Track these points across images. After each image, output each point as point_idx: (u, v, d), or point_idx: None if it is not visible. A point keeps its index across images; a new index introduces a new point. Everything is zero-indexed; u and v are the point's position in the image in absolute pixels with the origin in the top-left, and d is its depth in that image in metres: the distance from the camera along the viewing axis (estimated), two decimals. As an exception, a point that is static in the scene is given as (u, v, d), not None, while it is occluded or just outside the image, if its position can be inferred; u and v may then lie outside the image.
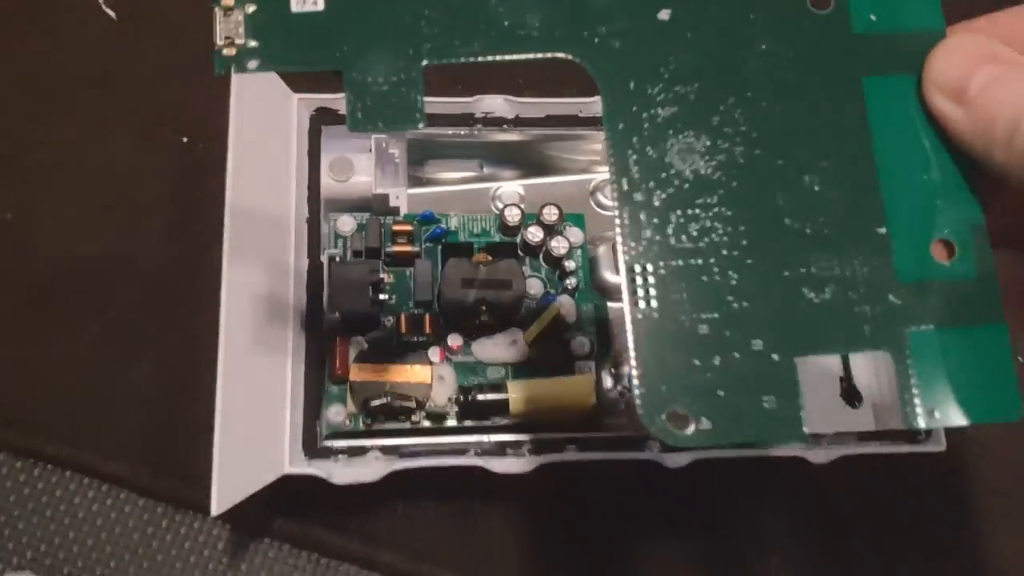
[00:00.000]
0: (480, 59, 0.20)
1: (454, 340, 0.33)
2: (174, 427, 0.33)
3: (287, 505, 0.32)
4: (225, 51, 0.20)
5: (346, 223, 0.34)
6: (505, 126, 0.35)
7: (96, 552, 0.32)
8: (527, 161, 0.37)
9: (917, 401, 0.19)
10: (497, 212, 0.35)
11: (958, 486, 0.35)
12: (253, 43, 0.20)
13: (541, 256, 0.35)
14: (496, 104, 0.35)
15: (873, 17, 0.21)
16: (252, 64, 0.20)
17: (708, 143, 0.20)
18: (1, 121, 0.37)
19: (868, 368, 0.20)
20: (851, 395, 0.35)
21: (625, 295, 0.19)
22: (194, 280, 0.34)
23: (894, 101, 0.20)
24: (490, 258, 0.33)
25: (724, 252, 0.20)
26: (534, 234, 0.34)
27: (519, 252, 0.34)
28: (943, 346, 0.19)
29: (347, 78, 0.20)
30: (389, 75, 0.20)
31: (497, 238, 0.35)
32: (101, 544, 0.33)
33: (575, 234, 0.35)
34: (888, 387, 0.20)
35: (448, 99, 0.34)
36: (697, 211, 0.20)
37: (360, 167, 0.34)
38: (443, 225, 0.34)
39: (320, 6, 0.20)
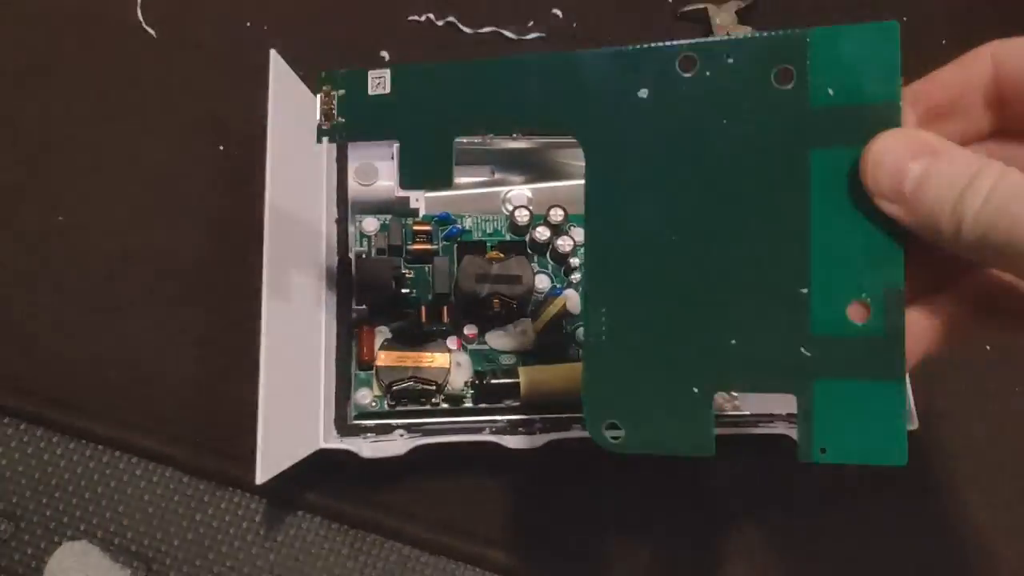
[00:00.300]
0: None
1: (469, 329, 0.36)
2: (216, 409, 0.36)
3: (318, 481, 0.35)
4: (324, 126, 0.26)
5: (370, 224, 0.37)
6: (514, 135, 0.38)
7: (144, 525, 0.35)
8: (535, 167, 0.40)
9: (812, 440, 0.22)
10: (507, 213, 0.38)
11: (932, 460, 0.38)
12: (342, 119, 0.26)
13: (548, 253, 0.38)
14: (507, 115, 0.38)
15: (831, 91, 0.21)
16: (341, 136, 0.26)
17: (666, 205, 0.23)
18: (51, 131, 0.41)
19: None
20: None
21: (584, 326, 0.24)
22: (234, 273, 0.37)
23: (835, 172, 0.21)
24: (502, 255, 0.36)
25: (667, 298, 0.23)
26: (542, 233, 0.37)
27: (528, 250, 0.38)
28: (844, 396, 0.21)
29: (402, 148, 0.26)
30: (430, 148, 0.25)
31: (508, 237, 0.38)
32: (148, 518, 0.36)
33: (579, 233, 0.38)
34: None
35: (463, 110, 0.38)
36: (649, 263, 0.23)
37: (383, 173, 0.37)
38: (458, 225, 0.37)
39: (387, 89, 0.25)
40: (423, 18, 0.45)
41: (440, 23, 0.45)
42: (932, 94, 0.22)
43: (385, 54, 0.44)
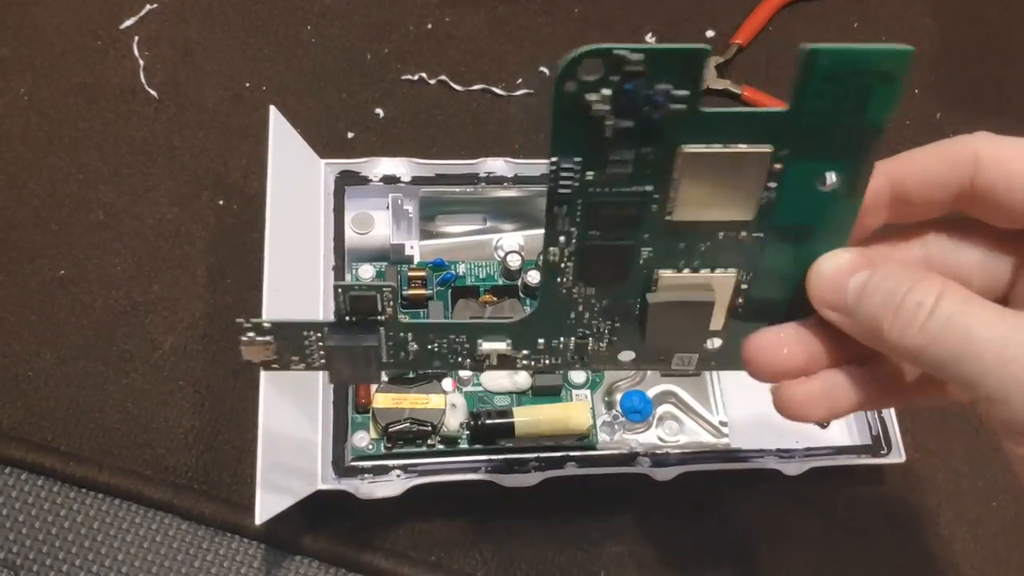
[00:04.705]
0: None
1: (464, 372, 0.37)
2: (215, 457, 0.37)
3: (316, 525, 0.35)
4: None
5: (367, 271, 0.38)
6: (505, 184, 0.39)
7: (144, 571, 0.35)
8: (526, 214, 0.41)
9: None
10: (500, 259, 0.39)
11: (917, 493, 0.39)
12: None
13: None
14: (497, 165, 0.39)
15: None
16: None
17: None
18: (56, 189, 0.42)
19: None
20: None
21: None
22: (233, 323, 0.38)
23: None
24: (495, 299, 0.37)
25: None
26: (533, 277, 0.38)
27: (520, 294, 0.39)
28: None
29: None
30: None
31: (500, 281, 0.39)
32: (148, 565, 0.36)
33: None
34: None
35: (455, 161, 0.39)
36: None
37: (379, 221, 0.38)
38: (452, 271, 0.39)
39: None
40: (416, 77, 0.47)
41: (432, 82, 0.47)
42: (907, 180, 0.23)
43: (379, 111, 0.46)
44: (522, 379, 0.37)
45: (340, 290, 0.24)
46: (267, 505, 0.31)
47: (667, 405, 0.38)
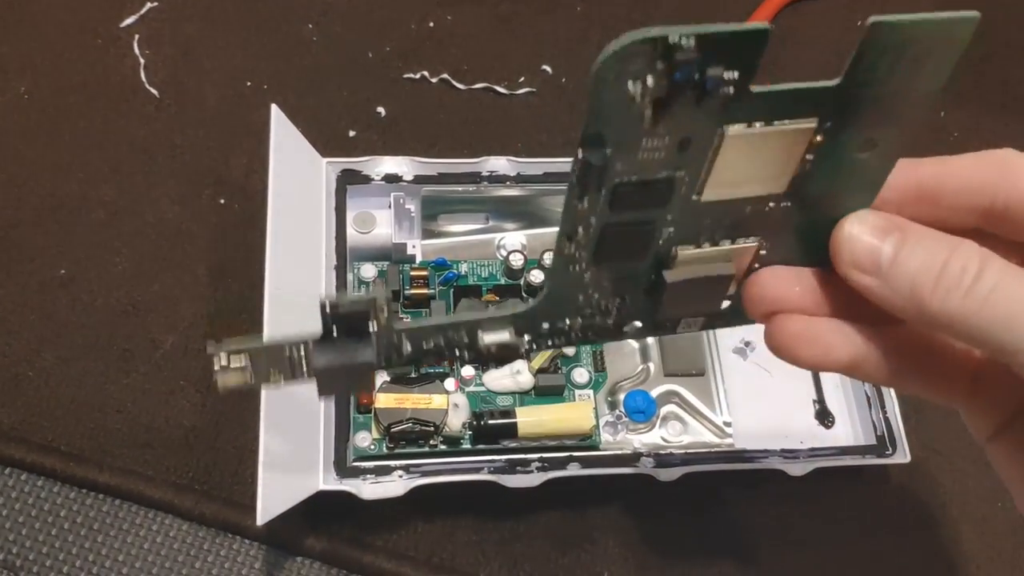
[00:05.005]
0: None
1: (467, 371, 0.37)
2: (217, 457, 0.37)
3: (317, 525, 0.35)
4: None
5: (368, 270, 0.38)
6: (508, 183, 0.39)
7: (144, 573, 0.35)
8: (528, 213, 0.41)
9: None
10: (502, 258, 0.39)
11: (923, 493, 0.38)
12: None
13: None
14: (500, 164, 0.39)
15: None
16: None
17: None
18: (57, 188, 0.42)
19: None
20: (823, 415, 0.39)
21: None
22: (234, 322, 0.38)
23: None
24: (497, 298, 0.37)
25: None
26: (536, 276, 0.38)
27: (523, 293, 0.39)
28: None
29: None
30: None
31: (503, 281, 0.39)
32: (148, 566, 0.36)
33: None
34: None
35: (457, 160, 0.39)
36: None
37: (381, 221, 0.38)
38: (454, 270, 0.38)
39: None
40: (418, 75, 0.47)
41: (434, 80, 0.47)
42: (945, 182, 0.22)
43: (381, 110, 0.45)
44: (525, 379, 0.37)
45: (327, 307, 0.22)
46: (269, 506, 0.31)
47: (671, 405, 0.38)
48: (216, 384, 0.23)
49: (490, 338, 0.24)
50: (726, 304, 0.24)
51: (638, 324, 0.25)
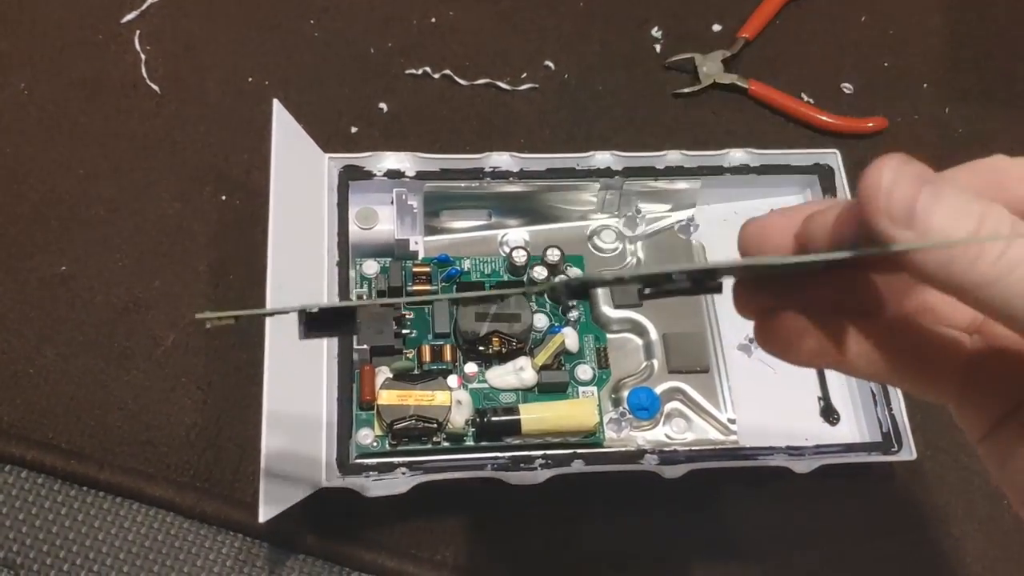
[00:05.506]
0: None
1: (470, 368, 0.37)
2: (218, 455, 0.37)
3: (320, 522, 0.35)
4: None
5: (371, 266, 0.38)
6: (511, 179, 0.39)
7: (146, 570, 0.35)
8: (531, 209, 0.41)
9: None
10: (505, 254, 0.39)
11: (928, 491, 0.38)
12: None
13: (546, 293, 0.38)
14: (502, 159, 0.39)
15: None
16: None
17: None
18: (57, 184, 0.41)
19: None
20: (828, 412, 0.39)
21: None
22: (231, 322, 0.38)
23: None
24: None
25: None
26: (539, 273, 0.38)
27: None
28: None
29: None
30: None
31: (506, 277, 0.39)
32: (150, 564, 0.35)
33: (576, 273, 0.39)
34: None
35: (460, 156, 0.39)
36: None
37: (383, 217, 0.38)
38: (457, 266, 0.38)
39: None
40: (420, 71, 0.46)
41: (436, 76, 0.46)
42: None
43: (383, 106, 0.45)
44: (528, 376, 0.37)
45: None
46: (271, 503, 0.30)
47: (675, 402, 0.38)
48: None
49: None
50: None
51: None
